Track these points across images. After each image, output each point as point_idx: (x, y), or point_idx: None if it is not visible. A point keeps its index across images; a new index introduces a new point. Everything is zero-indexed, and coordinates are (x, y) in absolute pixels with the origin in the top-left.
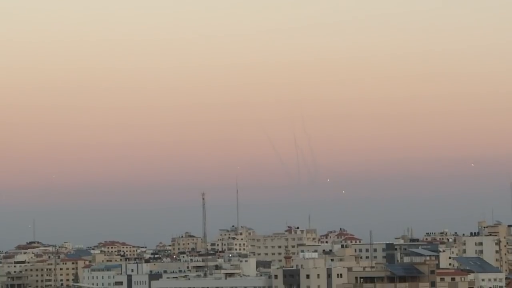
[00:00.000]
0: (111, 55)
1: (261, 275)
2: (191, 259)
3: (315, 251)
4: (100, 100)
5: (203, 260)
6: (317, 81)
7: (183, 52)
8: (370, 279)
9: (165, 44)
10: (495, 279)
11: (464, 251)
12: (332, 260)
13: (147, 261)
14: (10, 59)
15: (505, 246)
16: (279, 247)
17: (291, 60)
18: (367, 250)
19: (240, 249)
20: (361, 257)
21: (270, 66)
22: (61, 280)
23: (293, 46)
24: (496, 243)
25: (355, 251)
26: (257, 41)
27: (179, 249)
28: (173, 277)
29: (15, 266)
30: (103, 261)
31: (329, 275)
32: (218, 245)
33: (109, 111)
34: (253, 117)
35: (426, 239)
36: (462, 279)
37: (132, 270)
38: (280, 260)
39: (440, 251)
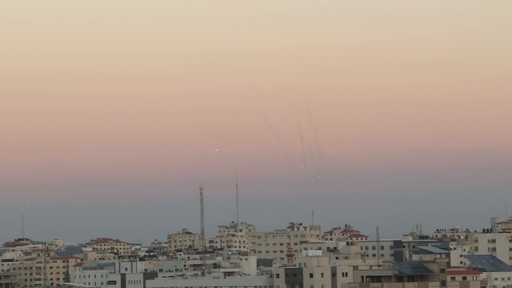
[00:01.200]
0: (110, 42)
1: (262, 274)
2: (188, 257)
3: (319, 248)
4: (93, 90)
5: (201, 258)
6: (323, 68)
7: (182, 40)
8: (377, 278)
9: (165, 32)
10: (508, 278)
11: (476, 248)
12: (336, 258)
13: (141, 259)
14: (7, 47)
15: None
16: (281, 244)
17: (296, 46)
18: (373, 248)
19: (239, 247)
20: (367, 255)
21: (273, 52)
22: (51, 279)
23: (297, 32)
24: (510, 240)
25: (361, 248)
26: (259, 27)
27: (175, 246)
28: (169, 276)
29: (2, 265)
30: (95, 259)
31: (333, 274)
32: (216, 242)
33: (103, 101)
34: (255, 105)
35: (436, 236)
36: (474, 278)
37: (126, 269)
38: (282, 258)
39: (450, 249)
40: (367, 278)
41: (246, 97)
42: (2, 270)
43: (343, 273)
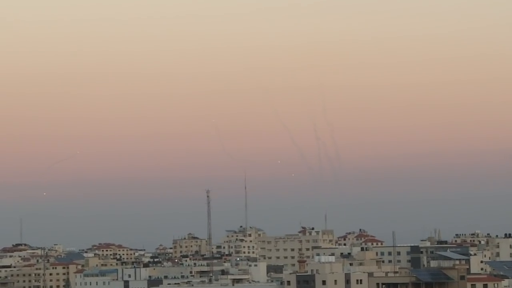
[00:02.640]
0: (109, 42)
1: (272, 281)
2: (195, 263)
3: (332, 254)
4: (96, 91)
5: (207, 265)
6: (339, 66)
7: (192, 37)
8: (394, 286)
9: (174, 30)
10: None
11: (498, 254)
12: (351, 264)
13: (145, 265)
14: (6, 48)
15: None
16: (292, 250)
17: (311, 43)
18: (390, 254)
19: (248, 252)
20: (383, 261)
21: (287, 50)
22: (51, 286)
23: (312, 29)
24: None
25: (377, 254)
26: (273, 24)
27: (181, 252)
28: (175, 283)
29: (0, 271)
30: (97, 265)
31: (347, 281)
32: (224, 247)
33: (106, 103)
34: (267, 104)
35: (455, 241)
36: (496, 285)
37: (129, 276)
38: (293, 265)
39: (471, 255)
40: (383, 286)
41: (259, 96)
42: (0, 277)
43: (357, 280)
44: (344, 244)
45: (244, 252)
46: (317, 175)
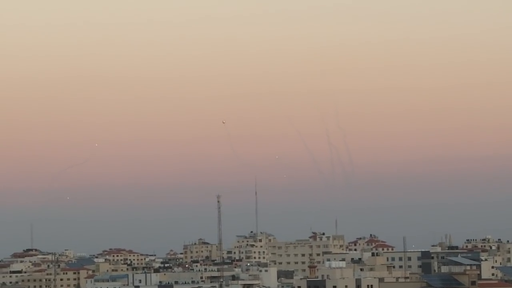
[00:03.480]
0: (121, 46)
1: (282, 286)
2: (205, 269)
3: (343, 259)
4: (106, 96)
5: (218, 270)
6: (352, 70)
7: (203, 41)
8: None
9: (186, 34)
10: None
11: (509, 259)
12: (361, 269)
13: (156, 270)
14: (19, 53)
15: None
16: (303, 255)
17: (323, 47)
18: (400, 259)
19: (259, 258)
20: (393, 267)
21: (300, 54)
22: None
23: (324, 33)
24: None
25: (387, 259)
26: (285, 27)
27: (191, 257)
28: None
29: (10, 276)
30: (108, 270)
31: (358, 286)
32: (235, 253)
33: (114, 108)
34: (279, 109)
35: (466, 246)
36: None
37: (140, 281)
38: (304, 270)
39: (481, 260)
40: None
41: (270, 100)
42: (10, 283)
43: (368, 285)
44: (355, 250)
45: (255, 258)
46: (328, 180)
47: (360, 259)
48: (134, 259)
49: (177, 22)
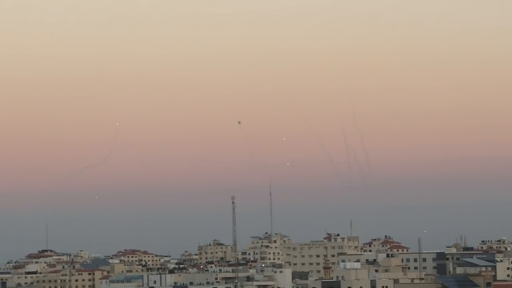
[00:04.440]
0: (135, 46)
1: (297, 287)
2: (220, 270)
3: (358, 260)
4: (119, 95)
5: (233, 271)
6: (368, 69)
7: (218, 40)
8: None
9: (200, 33)
10: None
11: None
12: (376, 271)
13: (171, 271)
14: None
15: None
16: (317, 256)
17: (340, 46)
18: (415, 260)
19: (274, 259)
20: (408, 268)
21: (316, 52)
22: None
23: (340, 32)
24: None
25: (402, 261)
26: (300, 26)
27: (206, 258)
28: None
29: (25, 277)
30: (122, 271)
31: None
32: (249, 254)
33: (130, 108)
34: (295, 109)
35: (482, 247)
36: None
37: (155, 282)
38: (319, 271)
39: (497, 261)
40: None
41: (284, 99)
42: (26, 283)
43: (383, 286)
44: (370, 251)
45: (269, 259)
46: (345, 181)
47: (375, 260)
48: (149, 260)
49: (192, 21)
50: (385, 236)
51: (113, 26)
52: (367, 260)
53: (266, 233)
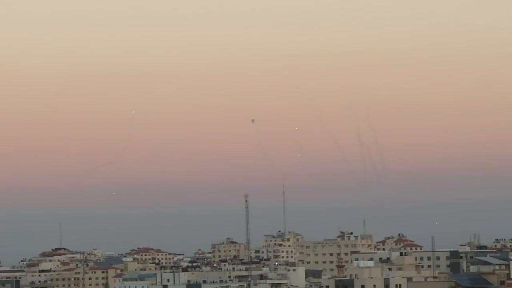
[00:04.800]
0: (149, 44)
1: (310, 285)
2: (233, 268)
3: (371, 259)
4: (134, 95)
5: (246, 269)
6: (382, 67)
7: (230, 37)
8: None
9: (212, 29)
10: None
11: None
12: (389, 269)
13: (184, 269)
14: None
15: None
16: (331, 254)
17: (353, 43)
18: (429, 258)
19: (287, 257)
20: (422, 266)
21: (330, 50)
22: None
23: (354, 29)
24: None
25: (416, 259)
26: (313, 23)
27: (219, 256)
28: None
29: (39, 275)
30: (136, 269)
31: (386, 286)
32: (263, 252)
33: (143, 106)
34: (309, 106)
35: (495, 246)
36: None
37: (168, 280)
38: (332, 269)
39: (511, 260)
40: None
41: (298, 97)
42: (39, 281)
43: (396, 285)
44: (383, 249)
45: (283, 257)
46: (359, 179)
47: (388, 258)
48: (162, 258)
49: (206, 19)
50: (399, 234)
51: (127, 24)
52: (380, 258)
53: (280, 231)
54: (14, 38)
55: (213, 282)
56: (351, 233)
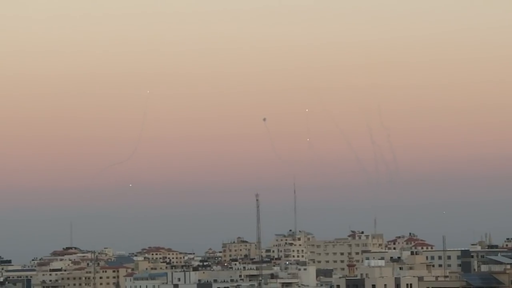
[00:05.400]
0: (153, 43)
1: (321, 285)
2: (244, 267)
3: (382, 258)
4: (142, 92)
5: (257, 268)
6: (394, 65)
7: (240, 37)
8: None
9: (224, 31)
10: None
11: None
12: (400, 268)
13: (195, 269)
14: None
15: None
16: (342, 254)
17: (365, 42)
18: (440, 258)
19: (298, 256)
20: (433, 266)
21: (341, 49)
22: None
23: (366, 28)
24: None
25: (427, 258)
26: (323, 22)
27: (230, 256)
28: (224, 287)
29: (50, 275)
30: (147, 269)
31: (397, 285)
32: (273, 251)
33: (152, 104)
34: (320, 105)
35: (506, 245)
36: None
37: (179, 279)
38: (343, 269)
39: None
40: None
41: (308, 96)
42: (50, 280)
43: (407, 284)
44: (394, 248)
45: (294, 256)
46: (369, 179)
47: (399, 257)
48: (173, 258)
49: (216, 18)
50: (410, 233)
51: (139, 23)
52: (391, 257)
53: (290, 230)
54: (24, 37)
55: (224, 281)
56: (362, 232)
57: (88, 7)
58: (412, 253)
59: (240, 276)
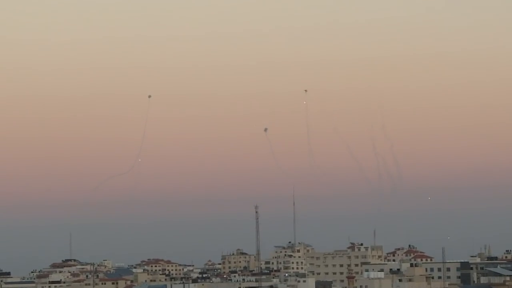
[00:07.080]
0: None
1: None
2: (243, 279)
3: (381, 270)
4: (143, 106)
5: (256, 280)
6: (398, 75)
7: (246, 49)
8: None
9: (227, 27)
10: None
11: None
12: (400, 280)
13: (194, 281)
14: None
15: None
16: (341, 265)
17: (369, 52)
18: (439, 270)
19: (297, 268)
20: (432, 277)
21: (345, 61)
22: None
23: (369, 41)
24: None
25: (426, 270)
26: (330, 37)
27: (229, 268)
28: None
29: (49, 287)
30: (146, 281)
31: None
32: (273, 263)
33: (151, 117)
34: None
35: (506, 257)
36: None
37: None
38: (342, 281)
39: None
40: None
41: (309, 104)
42: None
43: None
44: (393, 260)
45: (293, 268)
46: (370, 189)
47: (398, 269)
48: (172, 269)
49: (219, 17)
50: (409, 245)
51: (145, 24)
52: (391, 269)
53: (290, 242)
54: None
55: None
56: (361, 244)
57: (87, 7)
58: (411, 265)
59: None
